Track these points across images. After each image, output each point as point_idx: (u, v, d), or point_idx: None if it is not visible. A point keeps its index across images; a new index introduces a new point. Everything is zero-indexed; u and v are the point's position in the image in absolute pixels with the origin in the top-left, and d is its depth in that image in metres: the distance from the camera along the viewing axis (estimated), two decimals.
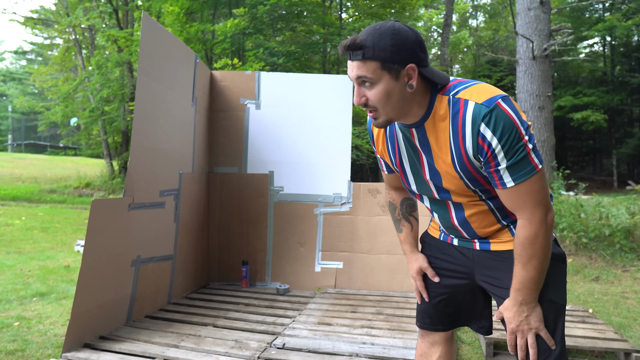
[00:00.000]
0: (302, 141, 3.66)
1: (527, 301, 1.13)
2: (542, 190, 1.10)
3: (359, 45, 1.06)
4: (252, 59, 9.45)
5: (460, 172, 1.16)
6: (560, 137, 19.49)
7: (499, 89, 1.11)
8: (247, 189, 3.66)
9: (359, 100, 1.12)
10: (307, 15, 11.62)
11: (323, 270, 3.65)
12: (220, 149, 3.71)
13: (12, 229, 8.36)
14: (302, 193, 3.65)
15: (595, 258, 4.81)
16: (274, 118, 3.67)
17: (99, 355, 2.28)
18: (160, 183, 2.67)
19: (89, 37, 17.60)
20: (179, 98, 2.81)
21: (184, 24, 9.82)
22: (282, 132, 3.68)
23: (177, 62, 2.76)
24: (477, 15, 26.61)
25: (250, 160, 3.68)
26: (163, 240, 2.80)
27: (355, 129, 10.77)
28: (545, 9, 7.66)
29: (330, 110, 3.67)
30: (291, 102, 3.68)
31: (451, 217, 1.29)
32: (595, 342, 2.37)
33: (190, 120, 3.09)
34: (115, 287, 2.46)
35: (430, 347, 1.44)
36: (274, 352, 2.30)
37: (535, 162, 1.08)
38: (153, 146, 2.56)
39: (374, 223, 3.55)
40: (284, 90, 3.69)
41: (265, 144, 3.67)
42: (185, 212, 3.07)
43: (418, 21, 17.75)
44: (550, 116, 7.66)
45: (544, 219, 1.10)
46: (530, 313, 1.14)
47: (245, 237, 3.71)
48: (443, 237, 1.40)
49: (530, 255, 1.10)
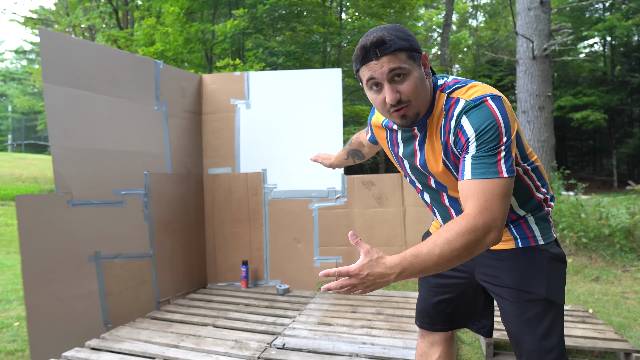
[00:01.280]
0: (294, 137, 3.68)
1: (400, 276, 0.97)
2: (500, 201, 1.01)
3: (384, 39, 1.05)
4: (252, 58, 9.45)
5: (452, 167, 1.17)
6: (560, 137, 19.49)
7: (495, 89, 1.11)
8: (241, 188, 3.70)
9: (394, 96, 1.08)
10: (307, 15, 11.63)
11: (323, 266, 3.66)
12: (213, 150, 3.75)
13: (12, 229, 8.36)
14: (295, 189, 3.66)
15: (595, 258, 4.81)
16: (264, 116, 3.71)
17: (99, 355, 2.28)
18: (112, 182, 2.77)
19: (89, 37, 17.59)
20: (127, 103, 2.94)
21: (184, 24, 9.82)
22: (273, 130, 3.70)
23: (117, 70, 2.88)
24: (477, 15, 26.61)
25: (243, 159, 3.71)
26: (131, 238, 2.89)
27: (356, 129, 10.79)
28: (545, 8, 7.66)
29: (320, 104, 3.67)
30: (281, 99, 3.71)
31: (450, 214, 1.30)
32: (595, 342, 2.37)
33: (156, 123, 3.18)
34: (73, 282, 2.51)
35: (430, 347, 1.44)
36: (274, 352, 2.30)
37: (502, 168, 1.03)
38: (87, 147, 2.66)
39: (370, 215, 3.57)
40: (273, 88, 3.71)
41: (257, 142, 3.71)
42: (162, 212, 3.15)
43: (418, 21, 17.76)
44: (550, 116, 7.66)
45: (482, 227, 0.99)
46: (384, 284, 0.98)
47: (242, 236, 3.73)
48: None
49: (448, 241, 0.98)
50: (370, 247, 1.00)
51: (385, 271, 0.97)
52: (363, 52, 1.08)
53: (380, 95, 1.10)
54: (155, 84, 3.19)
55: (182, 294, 3.44)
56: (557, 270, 1.22)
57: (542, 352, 1.18)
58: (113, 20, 14.81)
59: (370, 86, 1.11)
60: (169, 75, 3.33)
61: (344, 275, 0.97)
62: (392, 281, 0.98)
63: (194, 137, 3.65)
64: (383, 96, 1.10)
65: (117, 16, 14.33)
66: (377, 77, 1.08)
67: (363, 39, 1.08)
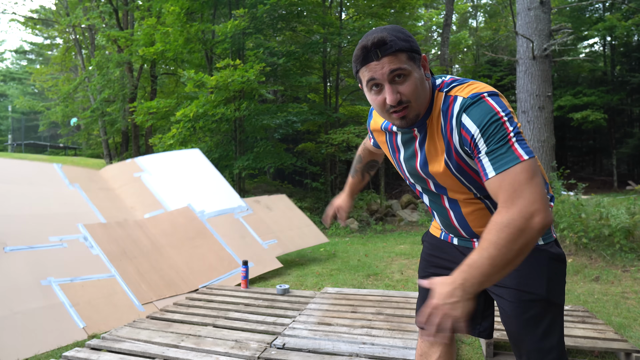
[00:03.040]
0: (188, 184, 5.22)
1: (465, 287, 0.96)
2: (529, 184, 0.98)
3: (385, 40, 1.05)
4: (253, 58, 9.45)
5: (453, 168, 1.16)
6: (560, 137, 19.48)
7: (491, 87, 1.11)
8: (180, 218, 4.57)
9: (394, 97, 1.07)
10: (307, 15, 11.62)
11: (269, 247, 5.01)
12: (139, 202, 4.81)
13: None
14: (219, 209, 5.04)
15: (595, 258, 4.81)
16: (163, 178, 5.18)
17: (99, 355, 2.28)
18: (46, 233, 3.61)
19: (89, 37, 17.60)
20: (44, 188, 4.25)
21: (185, 24, 9.82)
22: (170, 185, 5.11)
23: (35, 175, 4.38)
24: (477, 15, 26.61)
25: (168, 203, 4.83)
26: (87, 265, 3.54)
27: (356, 129, 10.78)
28: (545, 8, 7.66)
29: (194, 166, 5.62)
30: (168, 168, 5.36)
31: (449, 216, 1.30)
32: (595, 342, 2.37)
33: (76, 195, 4.41)
34: (31, 299, 3.00)
35: (431, 347, 1.44)
36: (274, 352, 2.31)
37: (519, 152, 1.00)
38: (23, 214, 3.70)
39: (271, 215, 5.62)
40: (160, 164, 5.39)
41: (166, 194, 5.00)
42: (112, 246, 3.85)
43: (418, 21, 17.75)
44: (550, 116, 7.65)
45: (524, 215, 0.96)
46: (460, 301, 0.97)
47: (201, 247, 4.39)
48: (443, 236, 1.40)
49: (491, 242, 0.96)
50: (429, 280, 1.02)
51: (448, 287, 0.97)
52: (364, 53, 1.07)
53: (380, 96, 1.10)
54: (62, 175, 4.60)
55: (170, 296, 3.65)
56: (557, 271, 1.22)
57: (542, 352, 1.18)
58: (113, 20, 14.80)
59: (370, 87, 1.11)
60: (70, 170, 4.78)
61: (429, 314, 0.98)
62: (463, 295, 0.96)
63: (117, 199, 4.77)
64: (383, 97, 1.09)
65: (117, 16, 14.32)
66: (378, 78, 1.07)
67: (363, 40, 1.07)
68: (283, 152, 11.04)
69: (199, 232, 4.51)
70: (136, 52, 11.74)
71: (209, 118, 9.39)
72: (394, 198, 13.89)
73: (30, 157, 23.96)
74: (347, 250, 6.59)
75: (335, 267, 5.24)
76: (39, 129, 26.69)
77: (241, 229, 4.97)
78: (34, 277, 3.17)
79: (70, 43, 18.86)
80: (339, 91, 13.25)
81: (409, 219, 10.75)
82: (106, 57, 14.33)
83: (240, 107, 9.53)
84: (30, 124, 38.05)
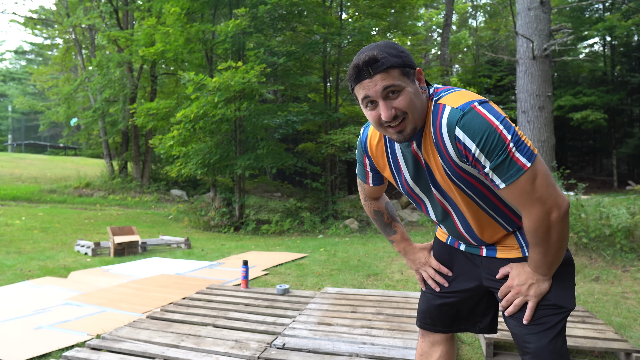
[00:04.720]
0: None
1: (541, 273, 1.17)
2: (538, 189, 1.06)
3: (376, 57, 1.06)
4: (253, 58, 9.45)
5: (454, 178, 1.16)
6: (560, 137, 19.48)
7: (480, 95, 1.11)
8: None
9: (389, 112, 1.08)
10: (308, 15, 11.61)
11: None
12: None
13: (12, 229, 8.36)
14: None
15: (595, 258, 4.81)
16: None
17: (99, 355, 2.28)
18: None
19: (89, 37, 17.60)
20: None
21: (185, 24, 9.81)
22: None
23: None
24: (477, 15, 26.62)
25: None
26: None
27: (356, 129, 10.78)
28: (545, 8, 7.66)
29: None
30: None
31: (457, 226, 1.29)
32: (595, 342, 2.37)
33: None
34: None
35: (431, 347, 1.44)
36: (274, 352, 2.30)
37: (521, 161, 1.04)
38: None
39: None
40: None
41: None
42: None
43: (418, 21, 17.73)
44: (550, 116, 7.66)
45: (543, 217, 1.08)
46: (537, 283, 1.17)
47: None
48: (450, 241, 1.40)
49: (535, 242, 1.13)
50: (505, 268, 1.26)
51: (531, 274, 1.19)
52: (356, 72, 1.08)
53: (375, 111, 1.11)
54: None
55: (163, 306, 3.58)
56: (565, 274, 1.22)
57: (546, 353, 1.17)
58: (113, 20, 14.80)
59: (365, 104, 1.12)
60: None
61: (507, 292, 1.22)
62: (544, 280, 1.18)
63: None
64: (378, 113, 1.11)
65: (118, 16, 14.33)
66: (372, 95, 1.09)
67: (355, 58, 1.09)
68: (284, 152, 11.03)
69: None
70: (136, 52, 11.74)
71: (209, 119, 9.39)
72: (394, 198, 13.89)
73: (30, 157, 23.98)
74: (347, 250, 6.59)
75: (335, 267, 5.24)
76: (39, 129, 26.69)
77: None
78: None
79: (71, 43, 18.87)
80: (339, 91, 13.25)
81: (409, 219, 10.75)
82: (106, 57, 14.33)
83: (241, 107, 9.53)
84: (30, 124, 38.02)
